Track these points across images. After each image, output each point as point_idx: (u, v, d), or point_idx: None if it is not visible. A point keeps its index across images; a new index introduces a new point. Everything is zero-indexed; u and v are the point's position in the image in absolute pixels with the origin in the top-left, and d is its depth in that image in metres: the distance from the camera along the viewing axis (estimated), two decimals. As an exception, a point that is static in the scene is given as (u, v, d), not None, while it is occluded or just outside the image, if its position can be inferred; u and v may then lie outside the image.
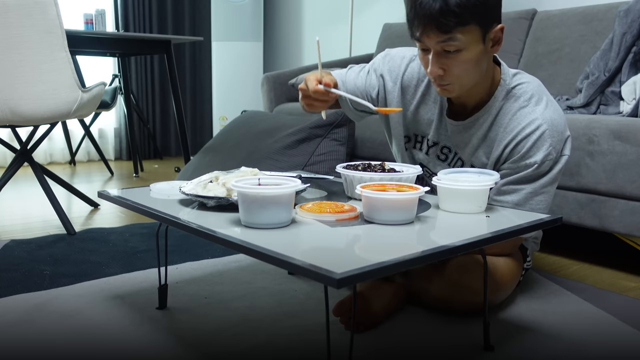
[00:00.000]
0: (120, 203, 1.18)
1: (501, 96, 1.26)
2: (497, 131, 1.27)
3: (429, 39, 1.14)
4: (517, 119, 1.24)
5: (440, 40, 1.12)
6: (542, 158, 1.22)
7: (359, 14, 3.64)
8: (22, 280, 1.50)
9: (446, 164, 1.39)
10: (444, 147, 1.38)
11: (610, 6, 2.19)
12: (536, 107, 1.24)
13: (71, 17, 3.84)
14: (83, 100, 2.06)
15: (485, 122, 1.28)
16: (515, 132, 1.23)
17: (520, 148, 1.23)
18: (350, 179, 1.21)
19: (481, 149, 1.31)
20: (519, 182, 1.25)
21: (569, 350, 1.13)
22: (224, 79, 4.07)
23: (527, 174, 1.24)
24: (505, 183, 1.27)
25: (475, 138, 1.30)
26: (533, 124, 1.22)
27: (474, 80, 1.21)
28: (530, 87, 1.27)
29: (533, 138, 1.21)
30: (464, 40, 1.12)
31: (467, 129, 1.31)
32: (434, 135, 1.38)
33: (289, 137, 2.36)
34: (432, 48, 1.16)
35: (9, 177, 2.18)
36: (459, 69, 1.17)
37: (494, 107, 1.27)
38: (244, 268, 1.63)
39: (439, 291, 1.26)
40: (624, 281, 1.59)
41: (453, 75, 1.18)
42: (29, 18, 1.91)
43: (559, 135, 1.23)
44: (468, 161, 1.34)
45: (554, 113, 1.24)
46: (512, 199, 1.26)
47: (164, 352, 1.11)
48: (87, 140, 4.13)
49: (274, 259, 0.79)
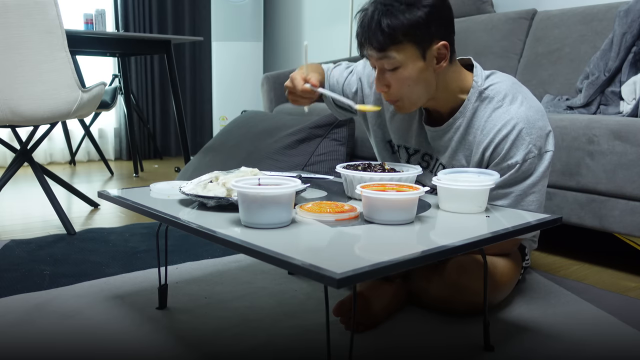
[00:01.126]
0: (120, 203, 1.18)
1: (474, 98, 1.27)
2: (475, 134, 1.27)
3: (370, 56, 1.21)
4: (492, 120, 1.24)
5: (378, 57, 1.19)
6: (522, 157, 1.20)
7: (359, 14, 3.64)
8: (22, 280, 1.50)
9: (428, 171, 1.40)
10: (425, 154, 1.39)
11: (610, 6, 2.19)
12: (510, 107, 1.23)
13: (71, 17, 3.84)
14: (83, 100, 2.06)
15: (461, 125, 1.29)
16: (492, 135, 1.23)
17: (500, 150, 1.22)
18: (350, 179, 1.21)
19: (460, 152, 1.31)
20: (506, 185, 1.24)
21: (569, 350, 1.13)
22: (224, 79, 4.07)
23: (511, 176, 1.23)
24: (494, 188, 1.25)
25: (453, 142, 1.31)
26: (509, 125, 1.21)
27: (423, 95, 1.24)
28: (503, 86, 1.26)
29: (511, 138, 1.20)
30: (399, 58, 1.17)
31: (445, 133, 1.31)
32: (415, 143, 1.40)
33: (289, 137, 2.36)
34: (375, 65, 1.22)
35: (9, 177, 2.18)
36: (400, 85, 1.21)
37: (468, 109, 1.27)
38: (244, 268, 1.63)
39: (439, 291, 1.26)
40: (624, 281, 1.59)
41: (397, 92, 1.22)
42: (29, 18, 1.91)
43: (537, 132, 1.21)
44: (449, 165, 1.33)
45: (530, 110, 1.22)
46: (502, 204, 1.25)
47: (164, 352, 1.11)
48: (87, 140, 4.13)
49: (274, 259, 0.79)
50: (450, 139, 1.31)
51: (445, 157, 1.34)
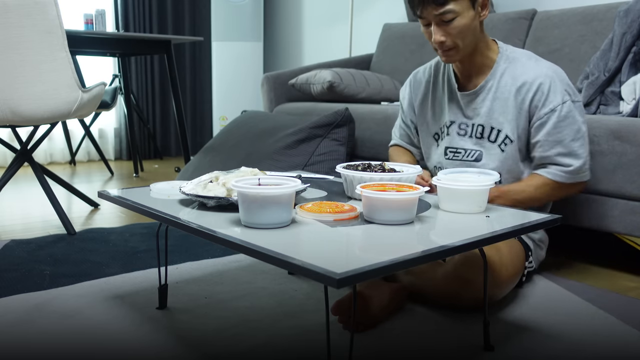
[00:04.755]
0: (120, 203, 1.18)
1: (502, 62, 1.44)
2: (510, 90, 1.42)
3: (428, 13, 1.34)
4: (524, 73, 1.41)
5: (438, 13, 1.33)
6: (561, 99, 1.37)
7: (359, 14, 3.64)
8: (22, 280, 1.50)
9: (467, 137, 1.51)
10: (461, 124, 1.52)
11: (610, 6, 2.19)
12: (538, 63, 1.42)
13: (71, 17, 3.84)
14: (83, 100, 2.06)
15: (492, 86, 1.45)
16: (529, 83, 1.39)
17: (540, 95, 1.38)
18: (350, 179, 1.21)
19: (496, 111, 1.44)
20: (554, 132, 1.38)
21: (569, 350, 1.13)
22: (224, 79, 4.07)
23: (556, 122, 1.38)
24: (545, 136, 1.40)
25: (488, 101, 1.45)
26: (542, 74, 1.39)
27: (472, 42, 1.39)
28: (525, 52, 1.47)
29: (547, 84, 1.38)
30: (457, 9, 1.33)
31: (478, 96, 1.47)
32: (449, 115, 1.53)
33: (289, 137, 2.36)
34: (432, 20, 1.36)
35: (9, 177, 2.18)
36: (457, 33, 1.36)
37: (498, 70, 1.44)
38: (244, 268, 1.63)
39: (445, 285, 1.27)
40: (624, 281, 1.59)
41: (454, 40, 1.37)
42: (29, 18, 1.91)
43: (567, 81, 1.40)
44: (487, 125, 1.46)
45: (554, 66, 1.43)
46: (558, 151, 1.39)
47: (164, 352, 1.11)
48: (87, 140, 4.13)
49: (274, 259, 0.79)
50: (484, 99, 1.46)
51: (482, 118, 1.47)
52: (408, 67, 2.89)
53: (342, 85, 2.62)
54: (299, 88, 2.82)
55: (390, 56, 3.05)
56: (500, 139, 1.44)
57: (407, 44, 2.96)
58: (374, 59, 3.18)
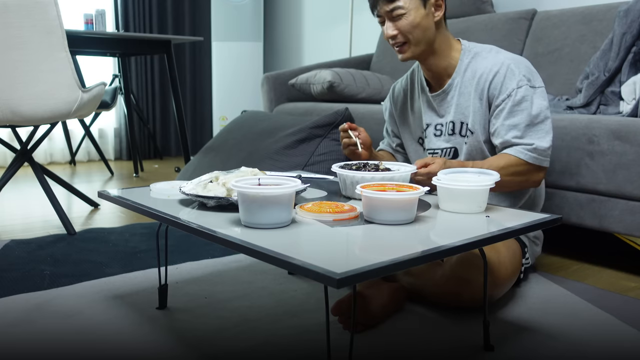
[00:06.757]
0: (120, 203, 1.18)
1: (465, 58, 1.49)
2: (472, 84, 1.46)
3: (381, 9, 1.44)
4: (482, 64, 1.45)
5: (389, 9, 1.42)
6: (516, 84, 1.38)
7: (359, 14, 3.64)
8: (22, 280, 1.50)
9: (442, 136, 1.54)
10: (437, 124, 1.55)
11: (610, 6, 2.19)
12: (498, 54, 1.46)
13: (71, 17, 3.84)
14: (83, 100, 2.06)
15: (459, 83, 1.49)
16: (486, 75, 1.43)
17: (496, 84, 1.41)
18: (343, 178, 1.23)
19: (463, 105, 1.48)
20: (511, 116, 1.39)
21: (569, 350, 1.13)
22: (224, 79, 4.07)
23: (512, 106, 1.38)
24: (501, 122, 1.40)
25: (455, 98, 1.49)
26: (497, 63, 1.42)
27: (423, 39, 1.44)
28: (488, 46, 1.51)
29: (502, 72, 1.41)
30: (406, 5, 1.41)
31: (447, 94, 1.51)
32: (427, 118, 1.57)
33: (289, 137, 2.36)
34: (385, 16, 1.44)
35: (9, 177, 2.18)
36: (406, 29, 1.43)
37: (462, 67, 1.49)
38: (244, 268, 1.63)
39: (444, 286, 1.27)
40: (624, 281, 1.59)
41: (403, 35, 1.44)
42: (29, 18, 1.91)
43: (525, 67, 1.42)
44: (457, 121, 1.49)
45: (515, 55, 1.46)
46: (514, 135, 1.39)
47: (164, 352, 1.11)
48: (87, 140, 4.13)
49: (274, 259, 0.79)
50: (453, 97, 1.50)
51: (451, 115, 1.50)
52: (408, 68, 2.89)
53: (342, 85, 2.62)
54: (299, 88, 2.82)
55: (390, 56, 3.05)
56: (465, 131, 1.48)
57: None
58: (374, 59, 3.18)
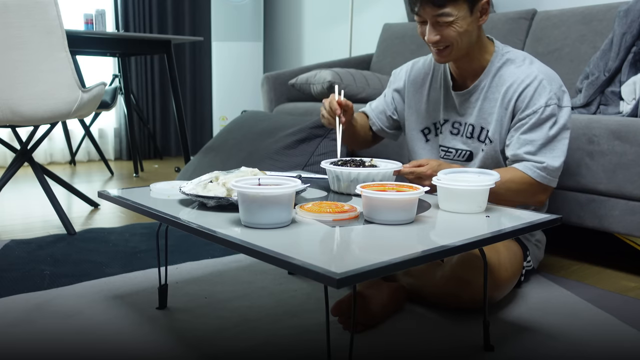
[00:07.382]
0: (120, 203, 1.18)
1: (497, 61, 1.43)
2: (499, 90, 1.41)
3: (425, 12, 1.34)
4: (515, 75, 1.39)
5: (436, 14, 1.32)
6: (545, 102, 1.34)
7: (359, 14, 3.64)
8: (22, 280, 1.50)
9: (459, 136, 1.50)
10: (455, 122, 1.51)
11: (610, 6, 2.19)
12: (531, 66, 1.40)
13: (71, 17, 3.84)
14: (83, 100, 2.06)
15: (485, 85, 1.43)
16: (516, 85, 1.38)
17: (524, 97, 1.36)
18: (331, 173, 1.29)
19: (486, 111, 1.43)
20: (531, 131, 1.35)
21: (569, 350, 1.13)
22: (224, 79, 4.07)
23: (536, 122, 1.34)
24: (518, 135, 1.37)
25: (479, 102, 1.44)
26: (531, 76, 1.37)
27: (466, 45, 1.38)
28: (520, 53, 1.45)
29: (534, 86, 1.35)
30: (455, 12, 1.32)
31: (471, 95, 1.46)
32: (444, 114, 1.52)
33: (289, 137, 2.36)
34: (428, 20, 1.35)
35: (9, 177, 2.18)
36: (451, 36, 1.35)
37: (492, 71, 1.43)
38: (244, 268, 1.63)
39: (444, 286, 1.27)
40: (624, 281, 1.59)
41: (447, 41, 1.36)
42: (29, 18, 1.91)
43: (556, 85, 1.37)
44: (477, 125, 1.45)
45: (548, 69, 1.40)
46: (527, 150, 1.35)
47: (164, 352, 1.11)
48: (87, 140, 4.13)
49: (274, 259, 0.79)
50: (477, 100, 1.45)
51: (473, 117, 1.46)
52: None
53: (342, 85, 2.62)
54: (299, 88, 2.82)
55: (390, 56, 3.05)
56: (484, 138, 1.44)
57: (407, 44, 2.96)
58: (374, 59, 3.18)
